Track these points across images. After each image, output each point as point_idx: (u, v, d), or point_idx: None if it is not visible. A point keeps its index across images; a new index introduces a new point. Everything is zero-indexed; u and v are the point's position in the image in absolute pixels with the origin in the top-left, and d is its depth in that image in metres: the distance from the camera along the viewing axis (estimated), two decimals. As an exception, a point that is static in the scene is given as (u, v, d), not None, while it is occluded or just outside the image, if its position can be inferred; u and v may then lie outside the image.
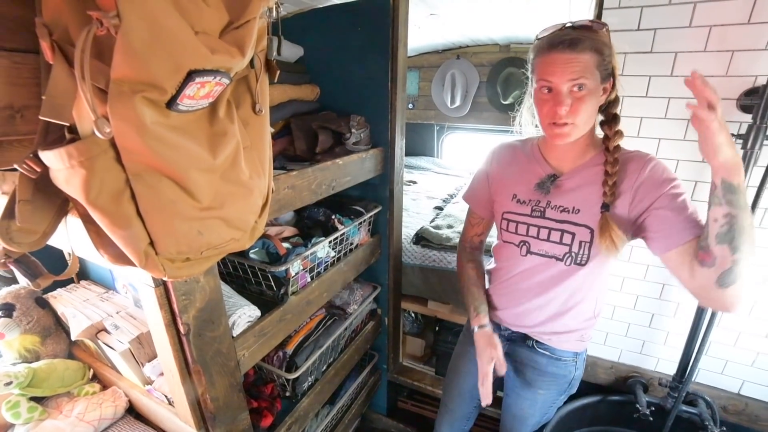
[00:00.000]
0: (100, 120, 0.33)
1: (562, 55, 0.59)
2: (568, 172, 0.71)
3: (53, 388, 0.78)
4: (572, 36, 0.59)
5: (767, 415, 0.95)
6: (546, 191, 0.71)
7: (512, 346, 0.85)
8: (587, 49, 0.59)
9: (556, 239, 0.70)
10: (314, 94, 1.12)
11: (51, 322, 0.86)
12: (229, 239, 0.50)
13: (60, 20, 0.32)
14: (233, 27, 0.42)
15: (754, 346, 0.93)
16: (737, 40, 0.76)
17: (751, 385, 0.96)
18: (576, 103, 0.61)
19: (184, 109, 0.39)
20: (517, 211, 0.74)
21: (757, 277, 0.88)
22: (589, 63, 0.59)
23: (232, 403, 0.70)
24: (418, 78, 2.81)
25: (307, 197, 0.82)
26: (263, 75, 0.51)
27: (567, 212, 0.69)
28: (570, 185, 0.70)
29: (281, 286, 0.83)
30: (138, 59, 0.33)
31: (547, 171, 0.72)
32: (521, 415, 0.87)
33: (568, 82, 0.60)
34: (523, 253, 0.75)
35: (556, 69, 0.60)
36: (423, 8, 1.62)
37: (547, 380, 0.81)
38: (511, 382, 0.87)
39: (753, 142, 0.75)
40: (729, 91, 0.80)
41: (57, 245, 0.57)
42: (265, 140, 0.53)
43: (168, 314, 0.57)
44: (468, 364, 0.90)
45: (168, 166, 0.40)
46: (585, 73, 0.59)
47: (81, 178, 0.35)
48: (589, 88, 0.60)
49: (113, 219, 0.39)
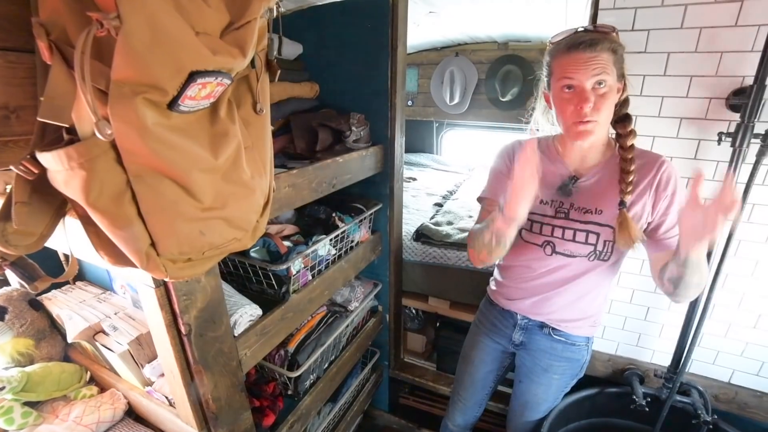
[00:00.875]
0: (102, 122, 0.32)
1: (583, 54, 0.62)
2: (588, 173, 0.72)
3: (49, 392, 0.76)
4: (591, 37, 0.62)
5: (755, 402, 0.99)
6: (568, 194, 0.73)
7: (528, 335, 0.86)
8: (606, 48, 0.62)
9: (582, 240, 0.72)
10: (314, 91, 1.11)
11: (45, 325, 0.85)
12: (231, 239, 0.50)
13: (58, 20, 0.32)
14: (234, 27, 0.42)
15: (744, 337, 0.96)
16: (726, 41, 0.78)
17: (741, 374, 0.99)
18: (599, 100, 0.63)
19: (185, 109, 0.39)
20: (541, 212, 0.75)
21: (744, 270, 0.91)
22: (608, 61, 0.62)
23: (234, 402, 0.70)
24: (417, 75, 2.81)
25: (307, 195, 0.82)
26: (264, 74, 0.51)
27: (590, 213, 0.71)
28: (591, 186, 0.72)
29: (282, 285, 0.83)
30: (139, 61, 0.32)
31: (566, 172, 0.74)
32: (534, 401, 0.89)
33: (591, 78, 0.62)
34: (549, 253, 0.75)
35: (579, 67, 0.62)
36: (422, 6, 1.61)
37: (563, 365, 0.84)
38: (526, 369, 0.89)
39: (741, 140, 0.77)
40: (718, 91, 0.82)
41: (55, 247, 0.56)
42: (266, 140, 0.53)
43: (169, 315, 0.57)
44: (480, 353, 0.93)
45: (169, 167, 0.39)
46: (606, 70, 0.62)
47: (81, 179, 0.35)
48: (609, 85, 0.63)
49: (114, 220, 0.38)
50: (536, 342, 0.85)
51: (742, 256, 0.90)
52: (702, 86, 0.83)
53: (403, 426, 1.49)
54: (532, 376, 0.88)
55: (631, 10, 0.84)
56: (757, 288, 0.91)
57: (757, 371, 0.98)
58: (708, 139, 0.86)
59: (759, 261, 0.89)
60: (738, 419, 1.00)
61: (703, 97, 0.84)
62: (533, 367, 0.87)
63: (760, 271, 0.90)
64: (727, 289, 0.94)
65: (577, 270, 0.75)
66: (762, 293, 0.91)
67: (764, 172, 0.83)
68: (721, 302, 0.95)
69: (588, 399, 1.08)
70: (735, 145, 0.79)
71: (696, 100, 0.84)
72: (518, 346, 0.88)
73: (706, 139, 0.86)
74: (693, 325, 0.91)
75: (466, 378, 0.98)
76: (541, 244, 0.76)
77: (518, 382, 0.93)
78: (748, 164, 0.80)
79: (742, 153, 0.78)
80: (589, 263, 0.74)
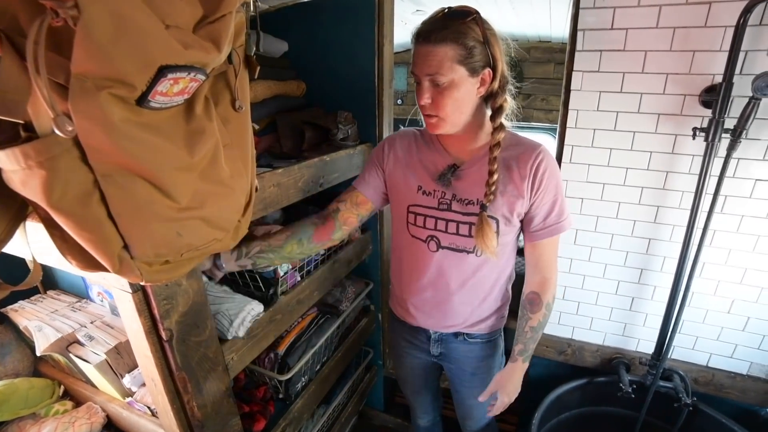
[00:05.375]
0: (60, 117, 0.30)
1: (420, 47, 0.58)
2: (467, 161, 0.69)
3: (15, 410, 0.71)
4: (432, 27, 0.57)
5: (730, 382, 1.04)
6: (447, 183, 0.69)
7: (445, 346, 0.84)
8: (444, 41, 0.56)
9: (465, 233, 0.69)
10: (300, 90, 1.09)
11: (10, 338, 0.79)
12: (211, 240, 0.48)
13: (7, 8, 0.29)
14: (208, 21, 0.40)
15: (719, 322, 1.00)
16: (697, 41, 0.81)
17: (717, 357, 1.04)
18: (438, 96, 0.59)
19: (156, 106, 0.37)
20: (424, 204, 0.71)
21: (719, 259, 0.95)
22: (447, 56, 0.56)
23: (221, 409, 0.68)
24: (406, 74, 2.81)
25: (294, 195, 0.81)
26: (242, 71, 0.49)
27: (472, 204, 0.68)
28: (470, 176, 0.68)
29: (270, 287, 0.81)
30: (102, 53, 0.30)
31: (447, 160, 0.70)
32: (476, 404, 0.89)
33: (425, 75, 0.59)
34: (433, 249, 0.72)
35: (416, 61, 0.59)
36: (409, 4, 1.61)
37: (488, 362, 0.85)
38: (457, 378, 0.89)
39: (713, 135, 0.81)
40: (692, 88, 0.85)
41: (15, 252, 0.53)
42: (246, 138, 0.51)
43: (148, 321, 0.55)
44: (408, 370, 0.94)
45: (141, 165, 0.38)
46: (441, 68, 0.57)
47: (41, 179, 0.33)
48: (448, 82, 0.58)
49: (81, 223, 0.36)
50: (455, 351, 0.84)
51: (716, 245, 0.94)
52: (677, 83, 0.86)
53: (398, 425, 1.49)
54: (464, 383, 0.88)
55: (610, 10, 0.85)
56: (730, 275, 0.95)
57: (731, 353, 1.02)
58: (684, 134, 0.89)
59: (732, 249, 0.93)
60: (716, 400, 1.05)
61: (678, 93, 0.87)
62: (461, 375, 0.87)
63: (733, 259, 0.94)
64: (704, 277, 0.97)
65: (469, 269, 0.72)
66: (735, 280, 0.95)
67: (734, 165, 0.87)
68: (699, 290, 0.98)
69: (578, 389, 1.10)
70: (708, 140, 0.82)
71: (672, 97, 0.87)
72: (438, 357, 0.87)
73: (682, 134, 0.89)
74: (674, 312, 0.95)
75: (408, 390, 1.00)
76: (425, 239, 0.73)
77: (455, 392, 0.93)
78: (720, 158, 0.83)
79: (714, 147, 0.82)
80: (478, 259, 0.71)
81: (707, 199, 0.85)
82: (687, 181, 0.92)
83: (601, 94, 0.93)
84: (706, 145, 0.83)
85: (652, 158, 0.93)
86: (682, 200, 0.93)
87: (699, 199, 0.86)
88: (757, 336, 0.98)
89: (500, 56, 0.61)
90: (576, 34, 0.89)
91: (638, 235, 1.00)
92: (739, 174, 0.87)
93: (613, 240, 1.03)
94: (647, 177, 0.95)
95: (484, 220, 0.65)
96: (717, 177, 0.84)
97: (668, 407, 1.02)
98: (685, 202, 0.93)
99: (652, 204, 0.96)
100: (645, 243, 1.00)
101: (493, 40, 0.59)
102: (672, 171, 0.93)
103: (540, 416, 0.99)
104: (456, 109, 0.61)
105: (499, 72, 0.61)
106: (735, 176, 0.87)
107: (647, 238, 0.99)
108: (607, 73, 0.90)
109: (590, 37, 0.89)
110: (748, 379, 1.02)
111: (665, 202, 0.95)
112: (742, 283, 0.95)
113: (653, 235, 0.99)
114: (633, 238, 1.01)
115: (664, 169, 0.93)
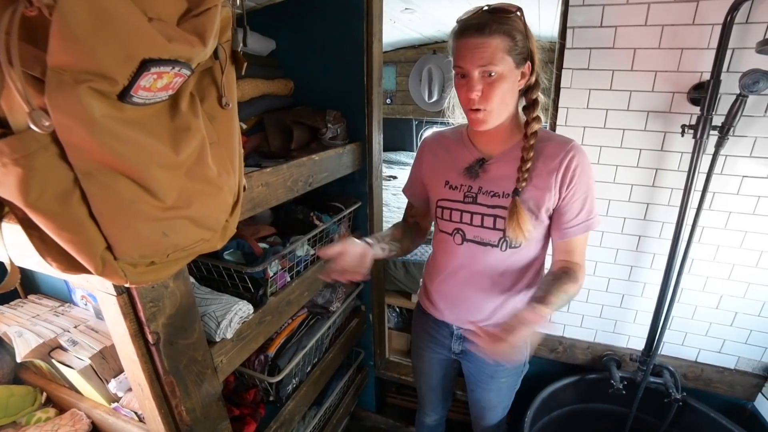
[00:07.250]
0: (36, 112, 0.29)
1: (471, 40, 0.59)
2: (496, 156, 0.70)
3: (-7, 420, 0.69)
4: (481, 20, 0.58)
5: (718, 377, 1.06)
6: (475, 175, 0.70)
7: (467, 344, 0.83)
8: (496, 33, 0.58)
9: (490, 225, 0.70)
10: (288, 88, 1.08)
11: (-12, 345, 0.77)
12: (198, 240, 0.47)
13: (-22, -3, 0.28)
14: (192, 14, 0.39)
15: (708, 318, 1.02)
16: (685, 38, 0.82)
17: (706, 352, 1.06)
18: (487, 88, 0.60)
19: (139, 101, 0.36)
20: (451, 198, 0.73)
21: (707, 255, 0.96)
22: (499, 47, 0.58)
23: (210, 412, 0.67)
24: (395, 73, 2.82)
25: (282, 194, 0.80)
26: (229, 67, 0.48)
27: (498, 197, 0.69)
28: (498, 169, 0.69)
29: (259, 288, 0.80)
30: (80, 46, 0.29)
31: (475, 156, 0.71)
32: (490, 407, 0.90)
33: (478, 67, 0.59)
34: (458, 242, 0.73)
35: (466, 54, 0.59)
36: (398, 3, 1.61)
37: (507, 368, 0.83)
38: (474, 378, 0.88)
39: (701, 132, 0.82)
40: (680, 86, 0.86)
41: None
42: (233, 135, 0.50)
43: (134, 324, 0.53)
44: (427, 365, 0.93)
45: (124, 163, 0.36)
46: (494, 59, 0.58)
47: (16, 177, 0.31)
48: (500, 73, 0.59)
49: (61, 223, 0.35)
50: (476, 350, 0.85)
51: (705, 242, 0.96)
52: (666, 81, 0.87)
53: (390, 426, 1.49)
54: (481, 384, 0.87)
55: (599, 7, 0.86)
56: (718, 271, 0.97)
57: (719, 348, 1.04)
58: (673, 131, 0.90)
59: (720, 246, 0.95)
60: (704, 394, 1.06)
61: (667, 91, 0.88)
62: (480, 375, 0.86)
63: (720, 255, 0.96)
64: (693, 274, 0.99)
65: (493, 263, 0.72)
66: (723, 275, 0.97)
67: (722, 162, 0.88)
68: (688, 286, 1.00)
69: (569, 387, 1.11)
70: (696, 137, 0.83)
71: (661, 95, 0.89)
72: (459, 354, 0.86)
73: (671, 131, 0.90)
74: (663, 309, 0.96)
75: (423, 385, 0.99)
76: (451, 233, 0.74)
77: (470, 391, 0.93)
78: (708, 155, 0.84)
79: (703, 144, 0.83)
80: (503, 253, 0.71)
81: (696, 195, 0.87)
82: (676, 178, 0.93)
83: (590, 92, 0.93)
84: (695, 142, 0.84)
85: (641, 156, 0.94)
86: (671, 197, 0.95)
87: (688, 195, 0.87)
88: (744, 331, 1.00)
89: (537, 51, 0.64)
90: (565, 32, 0.90)
91: (628, 233, 1.01)
92: (726, 171, 0.89)
93: (603, 237, 1.04)
94: (637, 174, 0.96)
95: (517, 203, 0.65)
96: (705, 174, 0.85)
97: (658, 402, 1.03)
98: (674, 199, 0.94)
99: (641, 201, 0.98)
100: (635, 240, 1.01)
101: (530, 35, 0.62)
102: (661, 168, 0.94)
103: (532, 414, 1.00)
104: (501, 101, 0.62)
105: (537, 66, 0.64)
106: (723, 173, 0.89)
107: (637, 235, 1.01)
108: (597, 71, 0.91)
109: (579, 35, 0.90)
110: (736, 374, 1.04)
111: (654, 199, 0.97)
112: (730, 278, 0.97)
113: (643, 232, 1.00)
114: (623, 235, 1.02)
115: (653, 167, 0.95)
